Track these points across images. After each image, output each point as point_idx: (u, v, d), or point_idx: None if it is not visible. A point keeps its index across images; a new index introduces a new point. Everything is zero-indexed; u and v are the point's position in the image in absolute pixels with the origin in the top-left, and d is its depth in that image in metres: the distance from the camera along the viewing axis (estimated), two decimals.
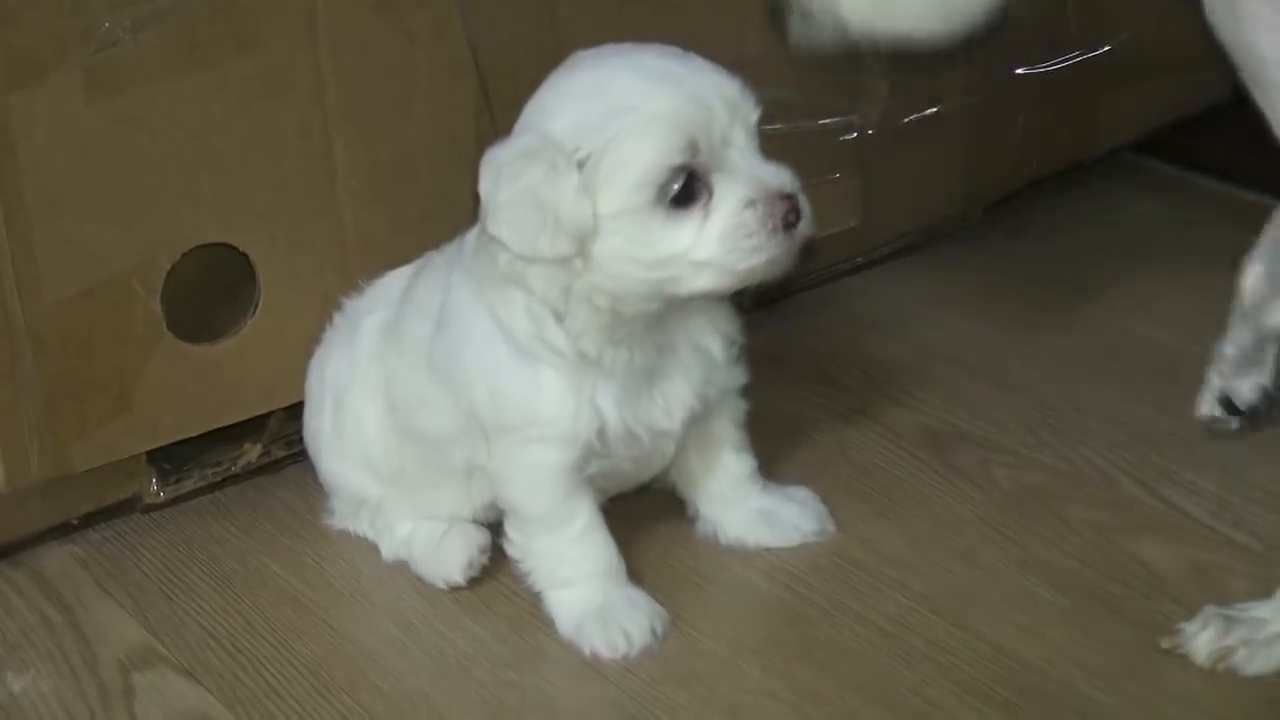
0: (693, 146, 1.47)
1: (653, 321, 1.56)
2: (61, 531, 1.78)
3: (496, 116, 1.80)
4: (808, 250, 1.53)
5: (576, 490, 1.60)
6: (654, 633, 1.60)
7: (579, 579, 1.61)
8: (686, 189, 1.47)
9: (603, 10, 1.80)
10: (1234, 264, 2.18)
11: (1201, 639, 1.55)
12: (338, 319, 1.75)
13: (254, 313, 1.75)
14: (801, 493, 1.75)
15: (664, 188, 1.47)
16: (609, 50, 1.54)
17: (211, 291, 1.75)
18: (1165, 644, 1.57)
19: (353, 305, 1.74)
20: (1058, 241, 1.89)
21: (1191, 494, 1.77)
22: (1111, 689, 1.53)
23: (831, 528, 1.73)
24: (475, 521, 1.70)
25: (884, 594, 1.65)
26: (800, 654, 1.59)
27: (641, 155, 1.46)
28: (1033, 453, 1.85)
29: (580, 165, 1.46)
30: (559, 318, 1.53)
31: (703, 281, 1.50)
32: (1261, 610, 1.55)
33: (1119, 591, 1.64)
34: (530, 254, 1.48)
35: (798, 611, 1.64)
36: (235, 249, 1.72)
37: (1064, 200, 2.23)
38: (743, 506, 1.72)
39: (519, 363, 1.55)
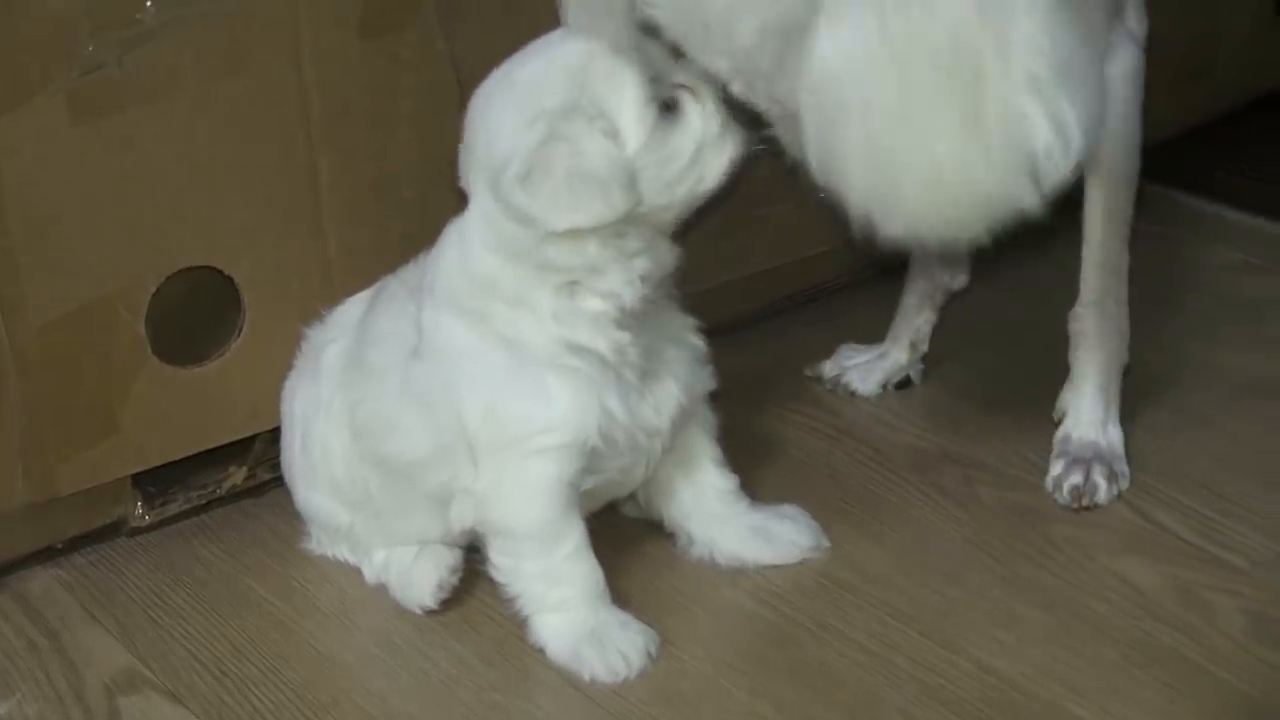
0: (648, 60, 1.54)
1: (656, 294, 1.60)
2: (46, 555, 1.78)
3: None
4: None
5: (571, 506, 1.60)
6: (649, 654, 1.60)
7: (569, 602, 1.61)
8: (671, 92, 1.55)
9: None
10: (1219, 282, 2.19)
11: (828, 364, 2.01)
12: (304, 348, 1.75)
13: (239, 335, 1.75)
14: (790, 509, 1.76)
15: (659, 98, 1.53)
16: (504, 64, 1.58)
17: (196, 314, 1.75)
18: (807, 370, 2.03)
19: (315, 334, 1.74)
20: (1045, 259, 1.90)
21: (1176, 512, 1.77)
22: (1095, 707, 1.53)
23: (826, 543, 1.74)
24: (446, 544, 1.70)
25: (869, 613, 1.66)
26: (786, 674, 1.59)
27: (628, 81, 1.52)
28: (1017, 471, 1.85)
29: (591, 123, 1.51)
30: (591, 308, 1.55)
31: (723, 156, 1.57)
32: (866, 354, 2.00)
33: (1103, 609, 1.64)
34: (609, 219, 1.50)
35: (783, 632, 1.64)
36: (220, 271, 1.72)
37: (1052, 219, 2.23)
38: (736, 524, 1.72)
39: (525, 376, 1.56)
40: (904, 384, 2.01)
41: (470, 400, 1.58)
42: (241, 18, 1.65)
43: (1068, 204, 1.72)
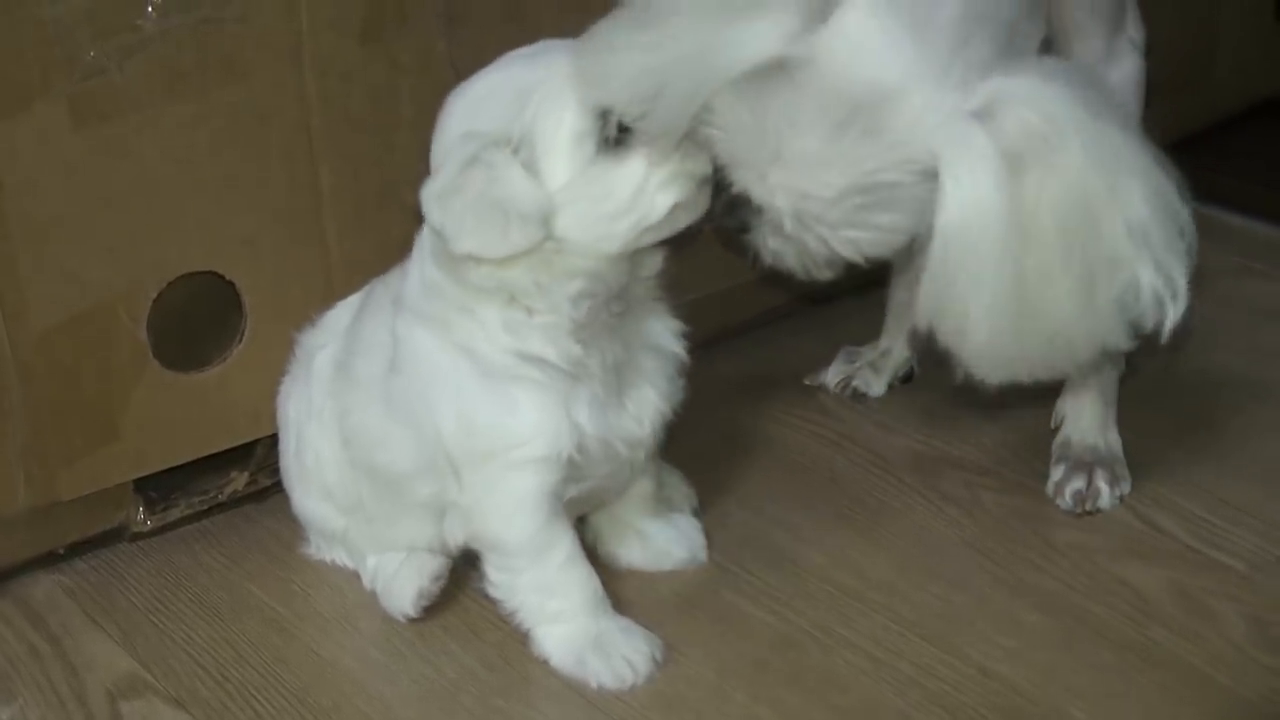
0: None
1: (619, 306, 1.58)
2: (48, 560, 1.78)
3: None
4: None
5: (556, 516, 1.60)
6: (654, 660, 1.60)
7: (568, 611, 1.61)
8: (621, 129, 1.49)
9: None
10: (1218, 287, 2.19)
11: (832, 369, 2.03)
12: (297, 353, 1.75)
13: (240, 341, 1.75)
14: (685, 521, 1.76)
15: (601, 133, 1.49)
16: (475, 75, 1.56)
17: (198, 319, 1.75)
18: (807, 380, 2.04)
19: (307, 339, 1.74)
20: None
21: (1176, 517, 1.77)
22: (1097, 711, 1.53)
23: (703, 557, 1.74)
24: (435, 551, 1.69)
25: (871, 618, 1.66)
26: (788, 680, 1.59)
27: (567, 113, 1.49)
28: (1018, 476, 1.85)
29: (516, 154, 1.48)
30: (541, 321, 1.54)
31: (667, 199, 1.51)
32: (871, 353, 2.04)
33: (1104, 614, 1.65)
34: (504, 253, 1.49)
35: (785, 637, 1.64)
36: (221, 277, 1.72)
37: None
38: (624, 523, 1.73)
39: (491, 388, 1.56)
40: (908, 377, 2.01)
41: (443, 415, 1.58)
42: (242, 24, 1.65)
43: None
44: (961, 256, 1.37)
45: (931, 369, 2.02)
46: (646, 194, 1.51)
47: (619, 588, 1.65)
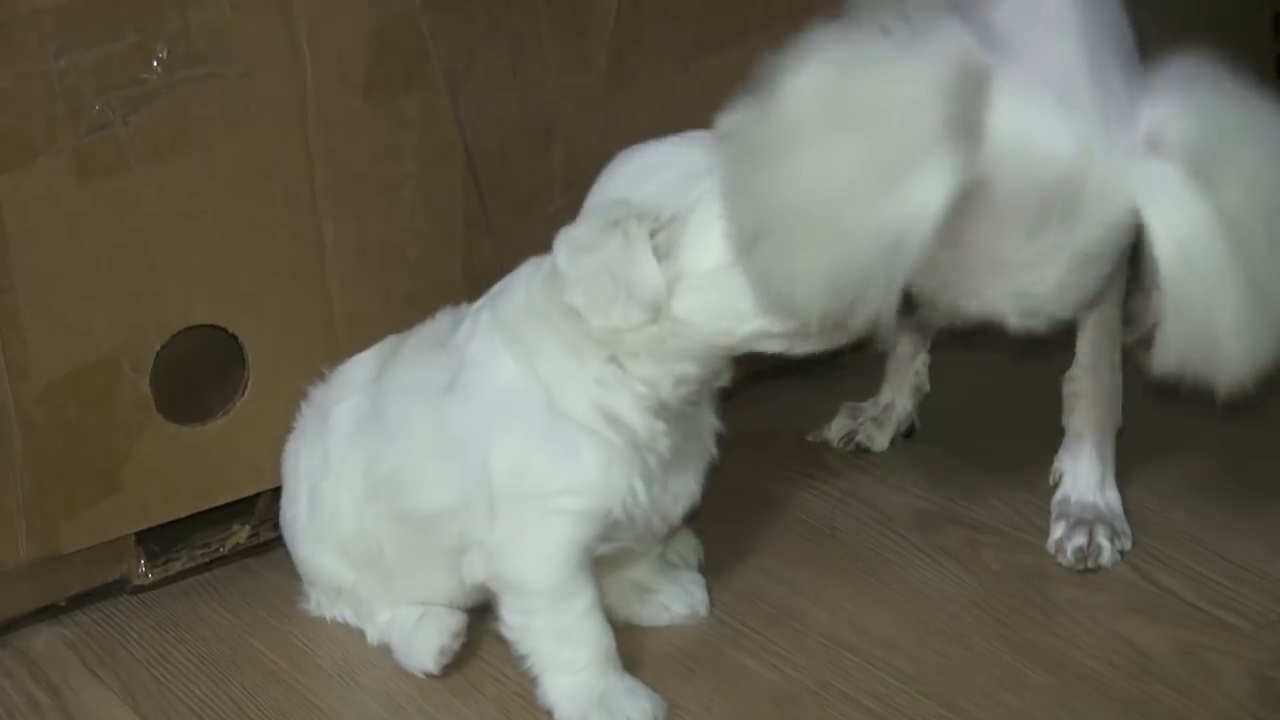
0: None
1: (697, 398, 1.59)
2: (49, 613, 1.78)
3: (485, 198, 1.81)
4: None
5: (584, 567, 1.59)
6: None
7: (580, 661, 1.59)
8: None
9: (591, 96, 1.81)
10: None
11: (835, 425, 2.01)
12: (306, 409, 1.74)
13: (243, 394, 1.75)
14: (687, 576, 1.76)
15: None
16: (658, 140, 1.55)
17: (201, 372, 1.75)
18: (810, 436, 2.02)
19: (320, 394, 1.74)
20: None
21: (1179, 574, 1.77)
22: None
23: (703, 613, 1.74)
24: (453, 605, 1.69)
25: (872, 675, 1.65)
26: None
27: None
28: (1020, 533, 1.85)
29: (659, 231, 1.48)
30: (634, 389, 1.55)
31: None
32: (873, 408, 2.01)
33: (1107, 672, 1.64)
34: (602, 324, 1.50)
35: (786, 693, 1.64)
36: (225, 330, 1.73)
37: None
38: (626, 578, 1.73)
39: (558, 429, 1.55)
40: (910, 432, 2.02)
41: (500, 444, 1.57)
42: (247, 79, 1.66)
43: None
44: (1195, 283, 1.41)
45: (933, 424, 2.03)
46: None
47: (619, 643, 1.65)
